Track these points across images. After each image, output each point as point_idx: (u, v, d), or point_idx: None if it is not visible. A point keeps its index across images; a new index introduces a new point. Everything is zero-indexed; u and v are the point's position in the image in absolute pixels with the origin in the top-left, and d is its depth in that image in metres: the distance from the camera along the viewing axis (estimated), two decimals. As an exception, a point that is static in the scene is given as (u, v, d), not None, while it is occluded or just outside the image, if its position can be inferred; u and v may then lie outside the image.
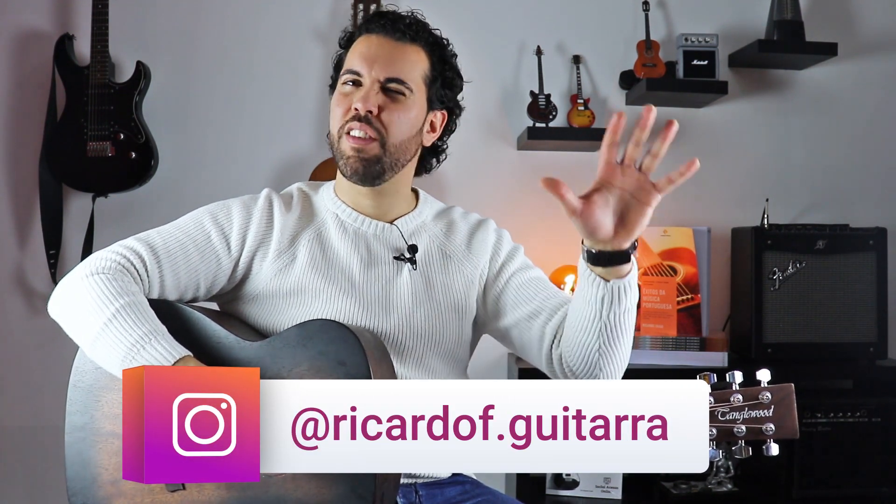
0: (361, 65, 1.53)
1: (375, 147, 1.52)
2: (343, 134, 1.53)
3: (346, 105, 1.53)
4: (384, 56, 1.53)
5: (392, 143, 1.53)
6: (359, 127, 1.51)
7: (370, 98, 1.50)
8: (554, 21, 2.87)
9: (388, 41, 1.54)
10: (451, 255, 1.63)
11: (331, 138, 1.57)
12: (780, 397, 1.29)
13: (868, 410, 2.55)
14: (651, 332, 2.65)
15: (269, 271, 1.53)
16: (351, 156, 1.52)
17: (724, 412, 1.30)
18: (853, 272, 2.63)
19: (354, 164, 1.52)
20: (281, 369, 1.39)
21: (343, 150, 1.53)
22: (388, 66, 1.52)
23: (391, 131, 1.52)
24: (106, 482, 1.43)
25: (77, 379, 1.46)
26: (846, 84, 2.94)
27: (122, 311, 1.37)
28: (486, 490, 1.63)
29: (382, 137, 1.52)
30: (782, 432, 1.29)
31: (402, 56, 1.54)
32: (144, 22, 2.79)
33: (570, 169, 2.89)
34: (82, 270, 1.44)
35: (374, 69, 1.52)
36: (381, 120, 1.51)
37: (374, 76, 1.52)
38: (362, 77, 1.53)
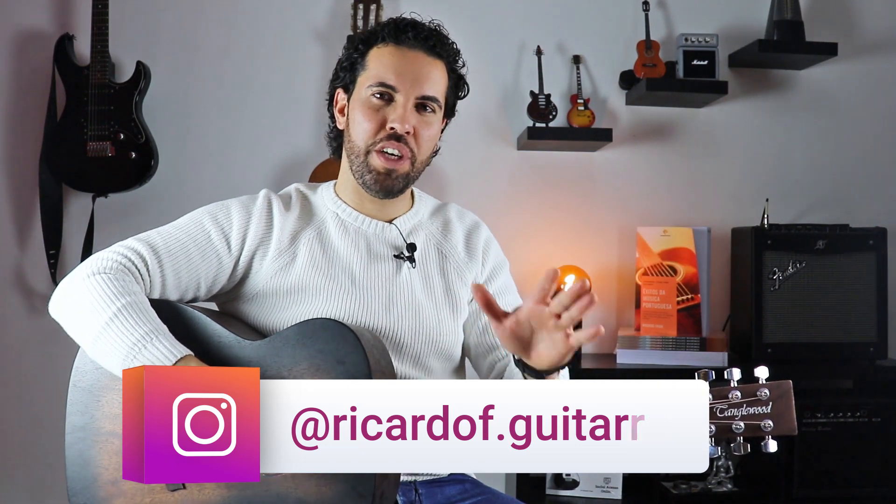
0: (396, 80, 1.52)
1: (406, 165, 1.53)
2: (374, 150, 1.52)
3: (378, 121, 1.52)
4: (420, 74, 1.52)
5: (420, 161, 1.56)
6: (395, 147, 1.51)
7: (408, 118, 1.51)
8: (554, 21, 2.88)
9: (421, 56, 1.54)
10: (447, 255, 1.64)
11: (351, 148, 1.56)
12: (779, 394, 1.29)
13: (868, 410, 2.55)
14: (651, 332, 2.65)
15: (270, 270, 1.54)
16: (382, 173, 1.53)
17: (723, 409, 1.30)
18: (853, 272, 2.63)
19: (385, 182, 1.53)
20: (281, 368, 1.39)
21: (374, 166, 1.53)
22: (424, 85, 1.52)
23: (422, 149, 1.55)
24: (106, 482, 1.43)
25: (77, 379, 1.46)
26: (846, 84, 2.94)
27: (123, 311, 1.37)
28: (485, 489, 1.63)
29: (414, 156, 1.54)
30: (781, 429, 1.29)
31: (434, 74, 1.55)
32: (144, 22, 2.79)
33: (570, 169, 2.89)
34: (83, 270, 1.44)
35: (411, 86, 1.51)
36: (415, 139, 1.53)
37: (409, 94, 1.52)
38: (397, 93, 1.52)
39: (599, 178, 2.90)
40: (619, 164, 2.90)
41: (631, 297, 2.82)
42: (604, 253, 2.89)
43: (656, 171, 2.91)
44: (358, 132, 1.54)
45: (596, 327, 1.24)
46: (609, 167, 2.89)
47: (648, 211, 2.88)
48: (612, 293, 2.89)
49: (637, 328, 2.70)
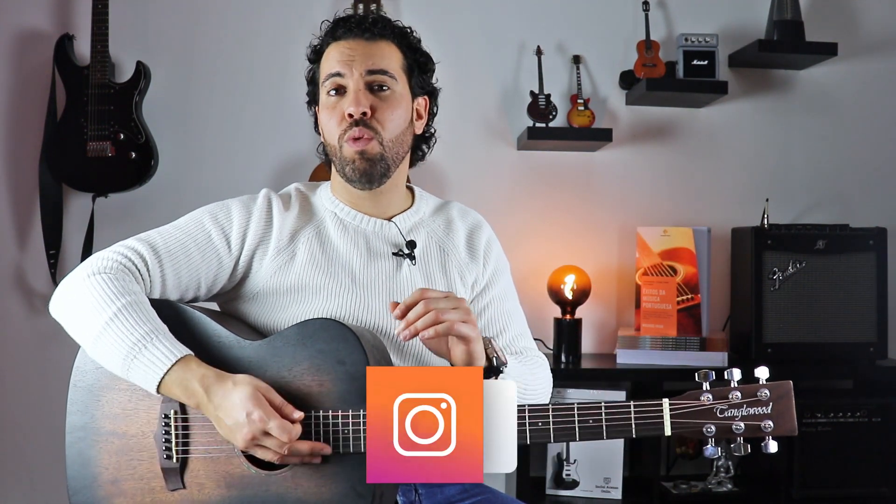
0: (340, 66, 1.54)
1: (375, 145, 1.53)
2: (343, 142, 1.53)
3: (338, 114, 1.54)
4: (360, 53, 1.54)
5: (389, 139, 1.55)
6: (357, 131, 1.52)
7: (360, 100, 1.52)
8: (554, 21, 2.88)
9: (360, 42, 1.56)
10: (449, 253, 1.64)
11: (329, 150, 1.59)
12: (779, 394, 1.29)
13: (868, 410, 2.55)
14: (651, 332, 2.65)
15: (269, 269, 1.54)
16: (356, 158, 1.53)
17: (723, 409, 1.30)
18: (853, 272, 2.63)
19: (361, 166, 1.53)
20: (281, 368, 1.39)
21: (346, 156, 1.54)
22: (367, 61, 1.54)
23: (387, 127, 1.54)
24: (106, 482, 1.43)
25: (78, 378, 1.47)
26: (846, 84, 2.94)
27: (123, 311, 1.37)
28: (485, 489, 1.63)
29: (379, 135, 1.53)
30: (781, 429, 1.29)
31: (378, 51, 1.56)
32: (144, 22, 2.79)
33: (570, 169, 2.89)
34: (84, 270, 1.44)
35: (354, 67, 1.53)
36: (375, 119, 1.53)
37: (356, 75, 1.53)
38: (344, 77, 1.54)
39: (599, 178, 2.90)
40: (619, 164, 2.90)
41: (631, 297, 2.83)
42: (604, 253, 2.89)
43: (656, 171, 2.91)
44: (326, 132, 1.58)
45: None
46: (609, 167, 2.89)
47: (648, 211, 2.88)
48: (612, 293, 2.89)
49: (637, 328, 2.70)
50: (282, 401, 1.34)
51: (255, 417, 1.30)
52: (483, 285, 1.66)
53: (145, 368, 1.34)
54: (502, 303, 1.68)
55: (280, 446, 1.31)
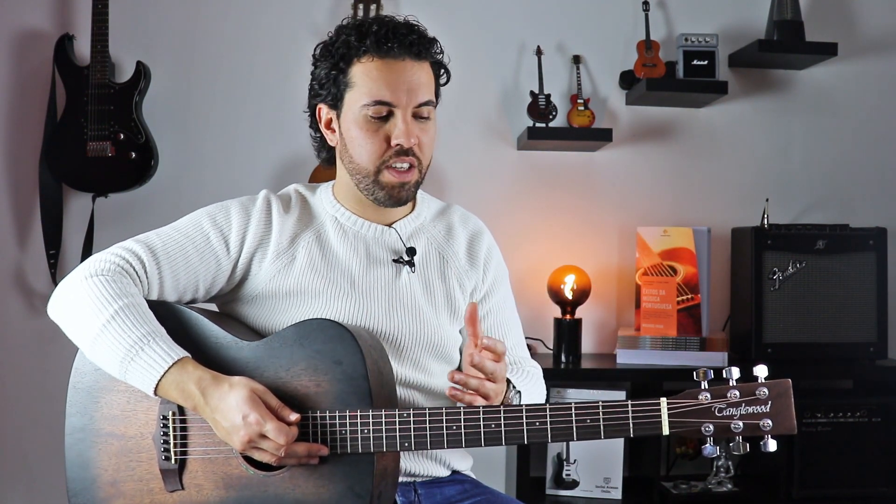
0: (392, 96, 1.49)
1: (416, 174, 1.54)
2: (384, 168, 1.51)
3: (381, 139, 1.50)
4: (412, 84, 1.49)
5: (425, 166, 1.56)
6: (403, 161, 1.51)
7: (412, 132, 1.49)
8: (554, 21, 2.87)
9: (409, 63, 1.50)
10: (449, 260, 1.64)
11: (356, 167, 1.53)
12: (778, 393, 1.29)
13: (868, 410, 2.55)
14: (651, 332, 2.65)
15: (268, 272, 1.53)
16: (396, 186, 1.52)
17: (721, 408, 1.29)
18: (853, 272, 2.63)
19: (399, 194, 1.53)
20: (278, 369, 1.39)
21: (385, 182, 1.52)
22: (419, 94, 1.50)
23: (426, 154, 1.55)
24: (105, 483, 1.44)
25: (77, 380, 1.47)
26: (846, 84, 2.94)
27: (120, 313, 1.37)
28: (485, 489, 1.63)
29: (420, 163, 1.54)
30: (780, 428, 1.28)
31: (424, 78, 1.52)
32: (144, 22, 2.79)
33: (570, 169, 2.89)
34: (81, 272, 1.44)
35: (408, 99, 1.49)
36: (418, 148, 1.52)
37: (408, 107, 1.50)
38: (396, 109, 1.50)
39: (599, 178, 2.90)
40: (619, 164, 2.89)
41: (631, 297, 2.82)
42: (604, 253, 2.89)
43: (656, 171, 2.91)
44: (361, 154, 1.52)
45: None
46: (609, 167, 2.89)
47: (648, 211, 2.88)
48: (612, 293, 2.89)
49: (637, 328, 2.70)
50: (278, 403, 1.34)
51: (251, 420, 1.30)
52: (483, 293, 1.66)
53: (142, 371, 1.34)
54: (502, 312, 1.68)
55: (277, 449, 1.31)
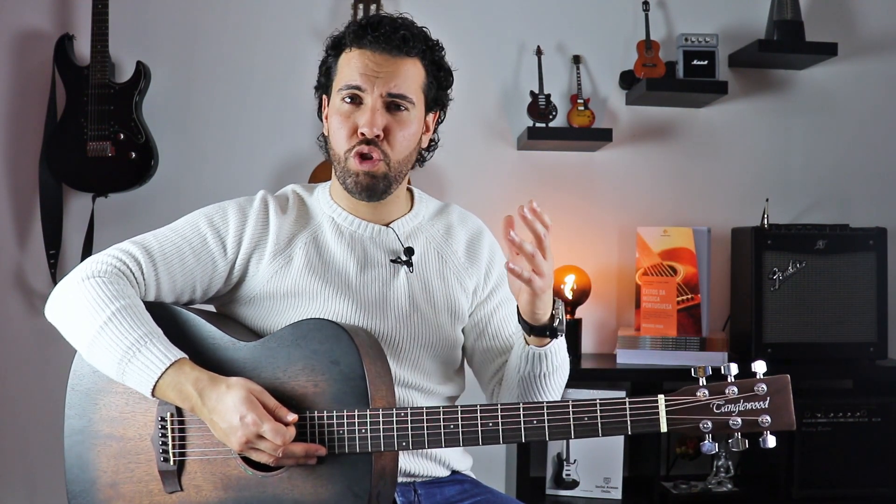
0: (361, 81, 1.50)
1: (382, 166, 1.52)
2: (350, 155, 1.52)
3: (350, 126, 1.51)
4: (384, 73, 1.50)
5: (396, 160, 1.53)
6: (367, 150, 1.50)
7: (376, 121, 1.49)
8: (554, 21, 2.87)
9: (386, 58, 1.51)
10: (447, 259, 1.63)
11: (333, 155, 1.56)
12: (776, 388, 1.28)
13: (868, 410, 2.55)
14: (651, 332, 2.65)
15: (266, 273, 1.53)
16: (360, 173, 1.52)
17: (720, 405, 1.29)
18: (853, 272, 2.63)
19: (364, 181, 1.52)
20: (276, 369, 1.39)
21: (351, 169, 1.52)
22: (390, 83, 1.50)
23: (396, 149, 1.52)
24: (105, 485, 1.44)
25: (75, 382, 1.47)
26: (846, 84, 2.93)
27: (118, 315, 1.37)
28: (485, 489, 1.63)
29: (388, 157, 1.52)
30: (779, 424, 1.27)
31: (401, 71, 1.51)
32: (144, 22, 2.79)
33: (570, 169, 2.89)
34: (78, 274, 1.44)
35: (376, 86, 1.50)
36: (387, 141, 1.51)
37: (376, 94, 1.50)
38: (363, 94, 1.50)
39: (599, 178, 2.89)
40: (619, 164, 2.89)
41: (631, 297, 2.82)
42: (604, 253, 2.89)
43: (656, 171, 2.91)
44: (335, 139, 1.54)
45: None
46: (609, 167, 2.89)
47: (648, 211, 2.88)
48: (612, 293, 2.89)
49: (637, 328, 2.70)
50: (275, 403, 1.34)
51: (248, 421, 1.30)
52: (487, 293, 1.66)
53: (140, 372, 1.35)
54: (505, 307, 1.68)
55: (274, 449, 1.31)
